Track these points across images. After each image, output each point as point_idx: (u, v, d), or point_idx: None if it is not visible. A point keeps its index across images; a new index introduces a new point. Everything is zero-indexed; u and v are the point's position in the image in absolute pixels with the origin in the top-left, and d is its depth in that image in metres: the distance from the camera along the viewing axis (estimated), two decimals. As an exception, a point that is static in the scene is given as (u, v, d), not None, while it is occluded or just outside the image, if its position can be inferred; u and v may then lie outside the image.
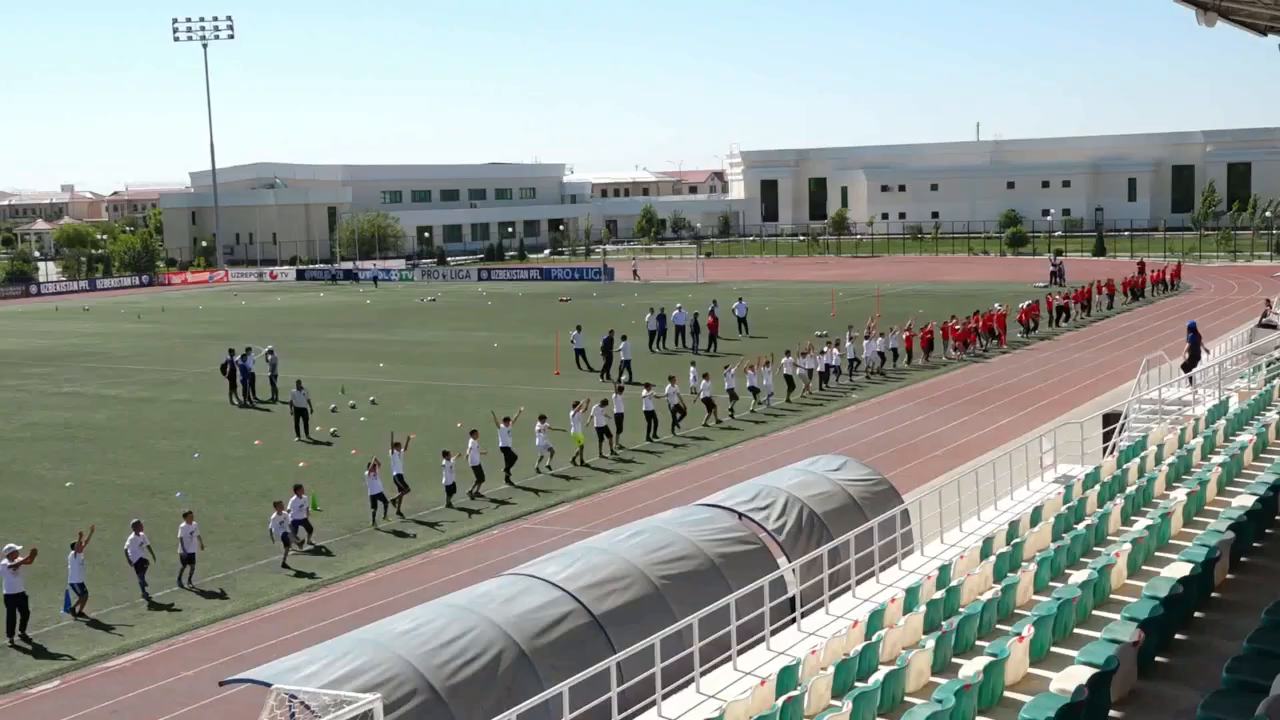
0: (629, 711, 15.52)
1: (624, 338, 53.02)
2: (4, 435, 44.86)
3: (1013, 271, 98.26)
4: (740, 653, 17.39)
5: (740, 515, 21.70)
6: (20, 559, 24.44)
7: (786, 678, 15.18)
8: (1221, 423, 27.26)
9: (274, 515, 28.73)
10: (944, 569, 19.08)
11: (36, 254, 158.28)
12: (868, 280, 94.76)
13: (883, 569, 21.02)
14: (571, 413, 37.51)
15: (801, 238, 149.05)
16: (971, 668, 14.22)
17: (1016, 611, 16.88)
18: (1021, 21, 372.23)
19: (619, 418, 39.27)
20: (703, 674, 16.60)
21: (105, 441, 43.17)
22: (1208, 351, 38.63)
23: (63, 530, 28.81)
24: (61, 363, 64.47)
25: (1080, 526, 20.10)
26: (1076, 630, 15.66)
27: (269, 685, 14.44)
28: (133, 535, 26.59)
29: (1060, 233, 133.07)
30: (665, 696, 15.96)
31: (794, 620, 19.01)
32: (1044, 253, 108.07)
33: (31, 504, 34.43)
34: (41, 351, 69.52)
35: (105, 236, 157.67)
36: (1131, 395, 33.05)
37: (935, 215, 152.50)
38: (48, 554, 26.24)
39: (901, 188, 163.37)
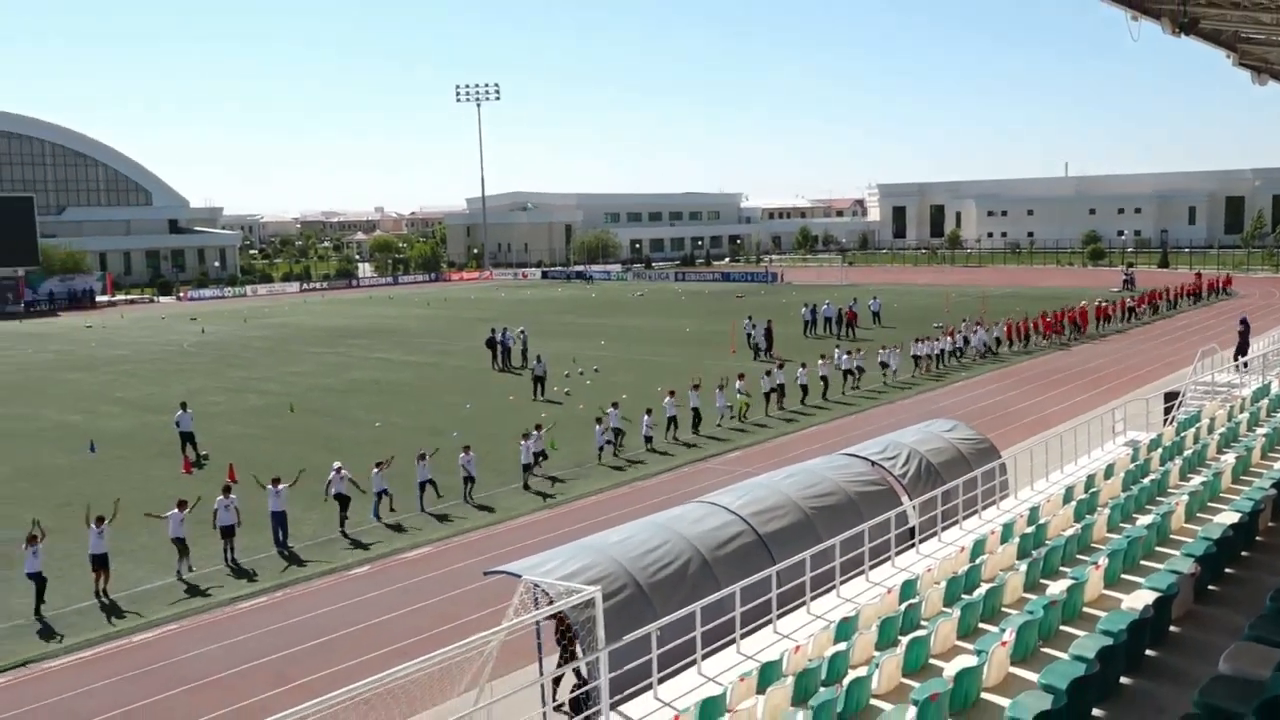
0: (784, 609, 15.40)
1: (750, 319, 53.30)
2: (333, 388, 46.65)
3: (1092, 279, 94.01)
4: (871, 568, 17.10)
5: (873, 463, 21.29)
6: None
7: (907, 589, 14.87)
8: (1265, 401, 25.71)
9: (522, 443, 29.33)
10: (1033, 510, 18.41)
11: (356, 257, 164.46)
12: (975, 284, 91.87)
13: (984, 508, 20.43)
14: (738, 383, 37.54)
15: (923, 251, 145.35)
16: (1056, 587, 13.70)
17: (1093, 545, 16.19)
18: (1105, 80, 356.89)
19: (780, 386, 39.01)
20: (842, 583, 16.37)
21: (403, 394, 44.55)
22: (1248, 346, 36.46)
23: (374, 456, 29.83)
24: (373, 337, 66.71)
25: (1145, 480, 19.16)
26: (1142, 562, 14.93)
27: (520, 576, 14.71)
28: (419, 463, 27.40)
29: (1131, 249, 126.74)
30: (813, 598, 15.80)
31: (913, 545, 18.61)
32: (1118, 265, 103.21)
33: (351, 437, 35.75)
34: (359, 328, 72.11)
35: (405, 245, 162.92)
36: (1189, 378, 31.37)
37: (1030, 235, 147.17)
38: (361, 474, 27.18)
39: (1004, 212, 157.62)
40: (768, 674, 12.40)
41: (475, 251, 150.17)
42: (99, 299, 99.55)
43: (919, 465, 21.30)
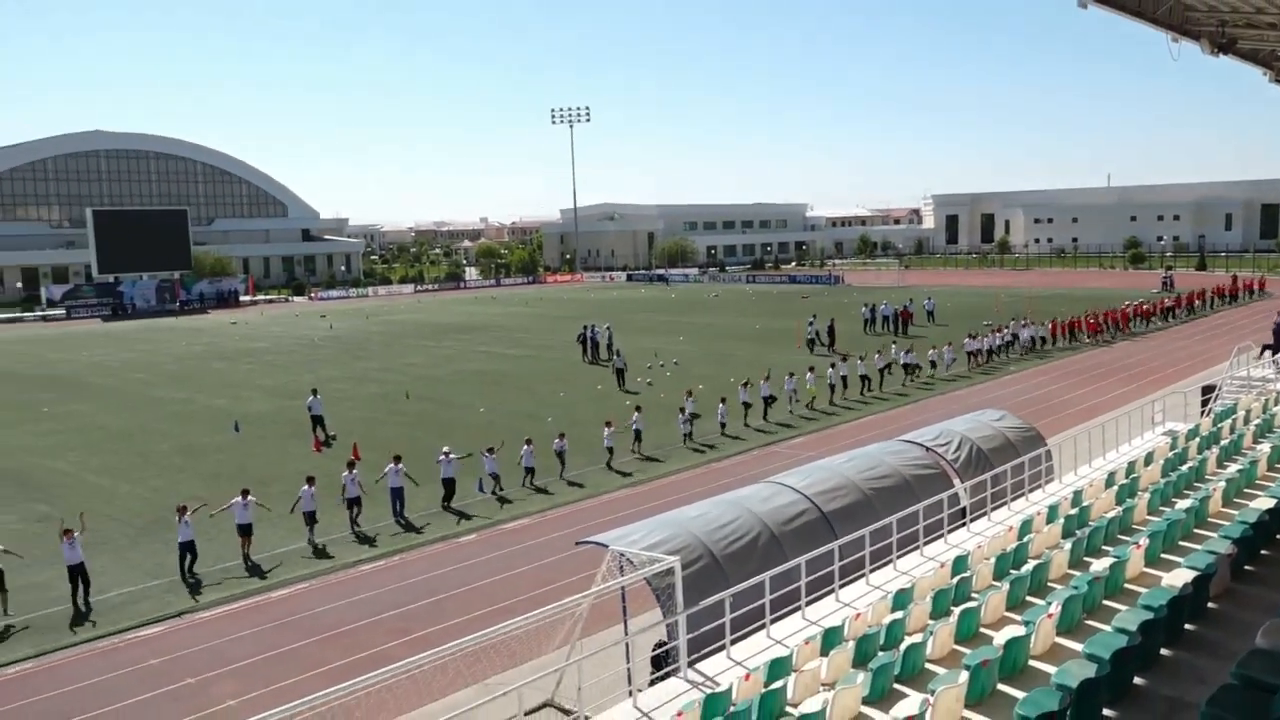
0: (845, 580, 15.20)
1: (814, 317, 53.18)
2: (442, 377, 47.33)
3: (1132, 281, 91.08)
4: (925, 544, 16.79)
5: (927, 448, 20.90)
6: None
7: (959, 563, 14.56)
8: (1299, 395, 24.63)
9: (605, 430, 29.44)
10: (1077, 493, 17.89)
11: (463, 262, 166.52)
12: (1022, 286, 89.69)
13: (1030, 491, 19.91)
14: (809, 375, 37.22)
15: (974, 255, 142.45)
16: (1100, 565, 13.28)
17: (1133, 527, 15.66)
18: (1146, 94, 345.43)
19: (843, 378, 38.59)
20: (898, 557, 16.10)
21: (504, 383, 45.01)
22: None
23: (479, 439, 30.17)
24: (477, 332, 67.52)
25: (1184, 468, 18.48)
26: (1181, 543, 14.41)
27: (607, 546, 14.75)
28: (526, 447, 27.61)
29: (1170, 253, 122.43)
30: (872, 571, 15.57)
31: (964, 524, 18.22)
32: (1158, 268, 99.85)
33: (459, 421, 36.22)
34: (466, 325, 73.06)
35: (506, 251, 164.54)
36: (1226, 373, 30.20)
37: (1074, 240, 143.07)
38: (476, 456, 27.52)
39: (1050, 220, 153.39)
40: (830, 638, 12.27)
41: (568, 257, 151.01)
42: (242, 299, 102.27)
43: (970, 451, 20.86)
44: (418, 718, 13.33)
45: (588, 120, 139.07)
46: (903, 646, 11.22)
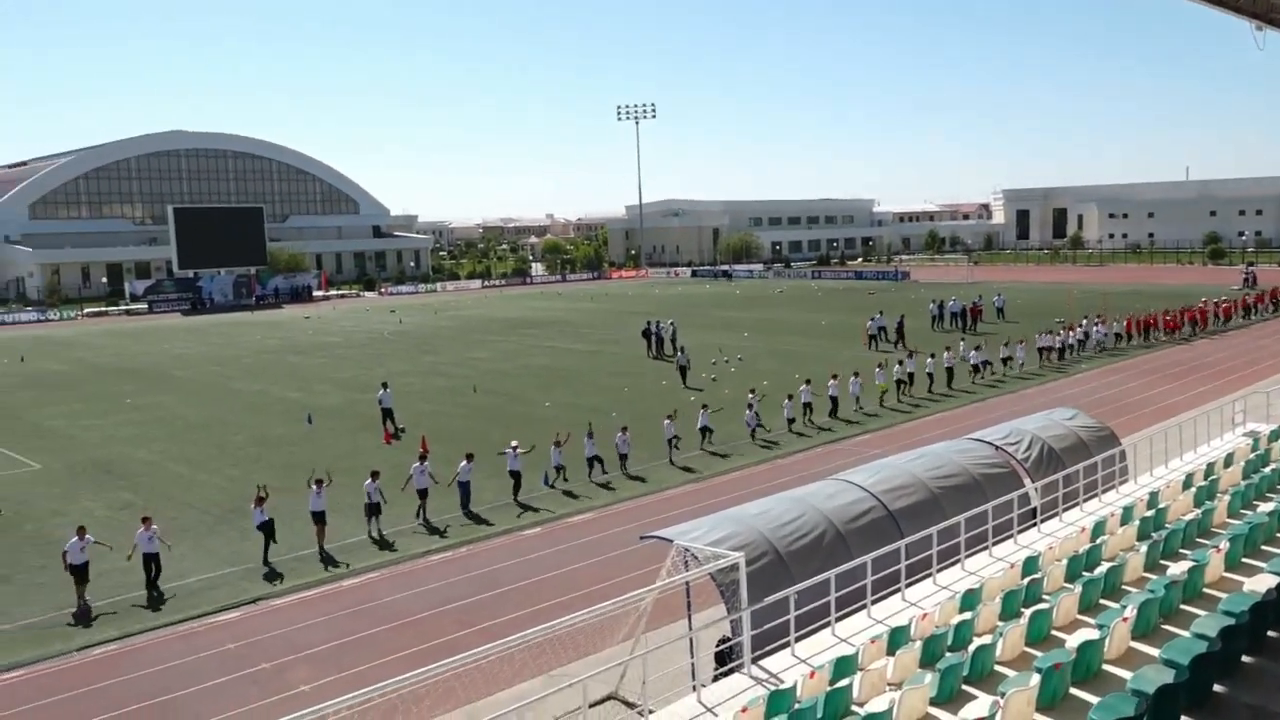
0: (911, 579, 14.99)
1: (880, 314, 52.88)
2: (509, 372, 47.75)
3: (1212, 278, 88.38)
4: (994, 544, 16.47)
5: (996, 447, 20.48)
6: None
7: (1029, 564, 14.27)
8: (1389, 396, 23.64)
9: (666, 424, 29.46)
10: (1153, 495, 17.39)
11: (530, 258, 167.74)
12: (1096, 282, 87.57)
13: (1104, 492, 19.38)
14: (878, 371, 36.83)
15: (1046, 251, 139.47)
16: (1177, 568, 12.92)
17: (1213, 530, 15.19)
18: (1229, 85, 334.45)
19: (910, 375, 38.08)
20: (966, 557, 15.82)
21: (570, 378, 45.26)
22: None
23: (545, 432, 30.34)
24: (543, 327, 67.99)
25: (1266, 470, 17.88)
26: (1264, 547, 13.94)
27: (671, 541, 14.74)
28: (588, 440, 27.77)
29: (1252, 249, 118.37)
30: (939, 570, 15.32)
31: (1035, 525, 17.83)
32: (1238, 264, 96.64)
33: (525, 415, 36.51)
34: (532, 320, 73.64)
35: (572, 247, 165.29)
36: (1312, 372, 29.11)
37: (1151, 235, 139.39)
38: (541, 450, 27.71)
39: (1125, 215, 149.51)
40: (897, 638, 12.12)
41: (633, 252, 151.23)
42: (315, 294, 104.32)
43: (1041, 450, 20.39)
44: (484, 707, 13.47)
45: (653, 116, 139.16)
46: (971, 648, 11.04)
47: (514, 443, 26.56)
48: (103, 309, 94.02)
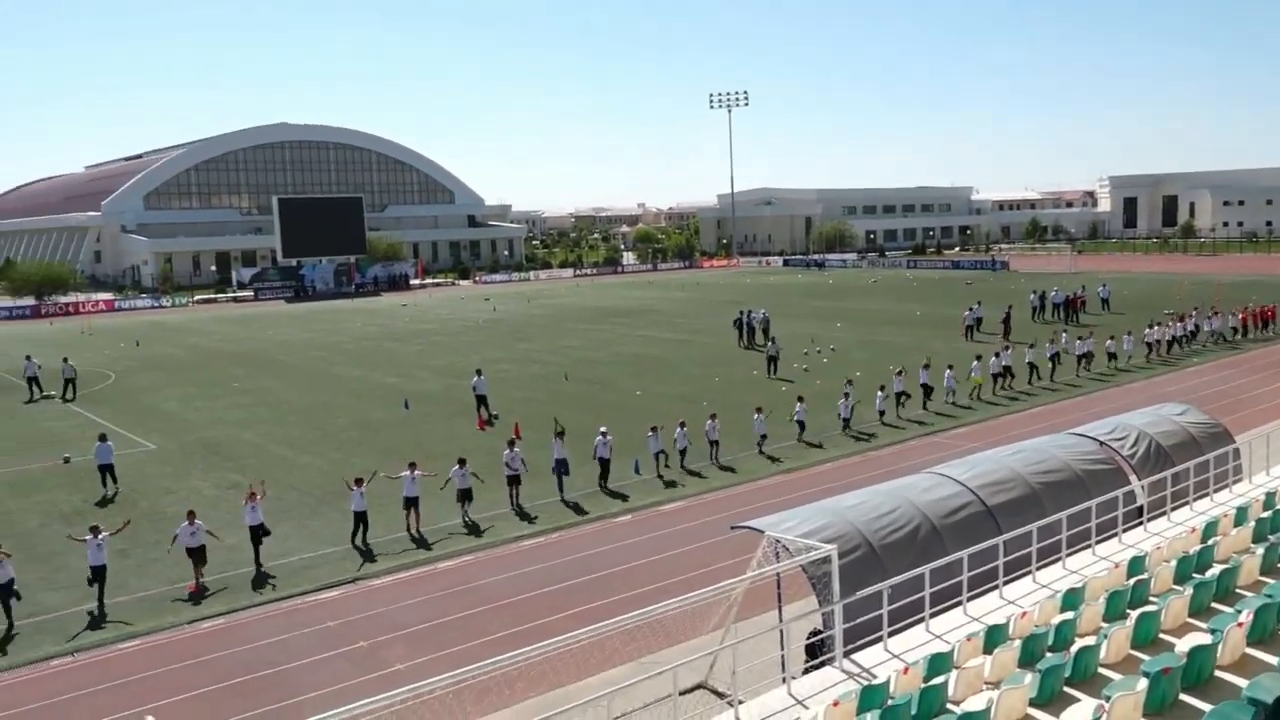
0: (1009, 577, 14.60)
1: (978, 304, 51.53)
2: (599, 360, 48.05)
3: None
4: (1098, 543, 15.93)
5: (1101, 442, 19.77)
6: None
7: (1135, 565, 13.76)
8: None
9: (756, 415, 29.24)
10: (1270, 495, 16.59)
11: (621, 247, 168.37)
12: (1209, 273, 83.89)
13: (1215, 491, 18.57)
14: (974, 363, 35.97)
15: (1154, 239, 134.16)
16: (1297, 572, 12.30)
17: (1337, 533, 14.43)
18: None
19: (1007, 368, 37.06)
20: (1068, 555, 15.34)
21: (660, 367, 45.32)
22: None
23: (636, 420, 30.41)
24: (634, 316, 68.19)
25: (1397, 471, 16.89)
26: (1393, 553, 13.18)
27: (762, 531, 14.64)
28: (679, 429, 27.75)
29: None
30: (1039, 568, 14.88)
31: (1141, 524, 17.18)
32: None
33: (615, 404, 36.71)
34: (623, 309, 73.89)
35: (664, 236, 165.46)
36: None
37: (1269, 224, 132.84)
38: (631, 437, 27.86)
39: (1240, 202, 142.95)
40: (994, 636, 11.82)
41: (724, 241, 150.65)
42: (412, 282, 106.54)
43: (1148, 447, 19.62)
44: (576, 691, 13.60)
45: (746, 104, 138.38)
46: (1074, 649, 10.70)
47: (603, 429, 26.70)
48: (212, 296, 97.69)
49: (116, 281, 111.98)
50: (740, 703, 11.41)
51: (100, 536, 19.14)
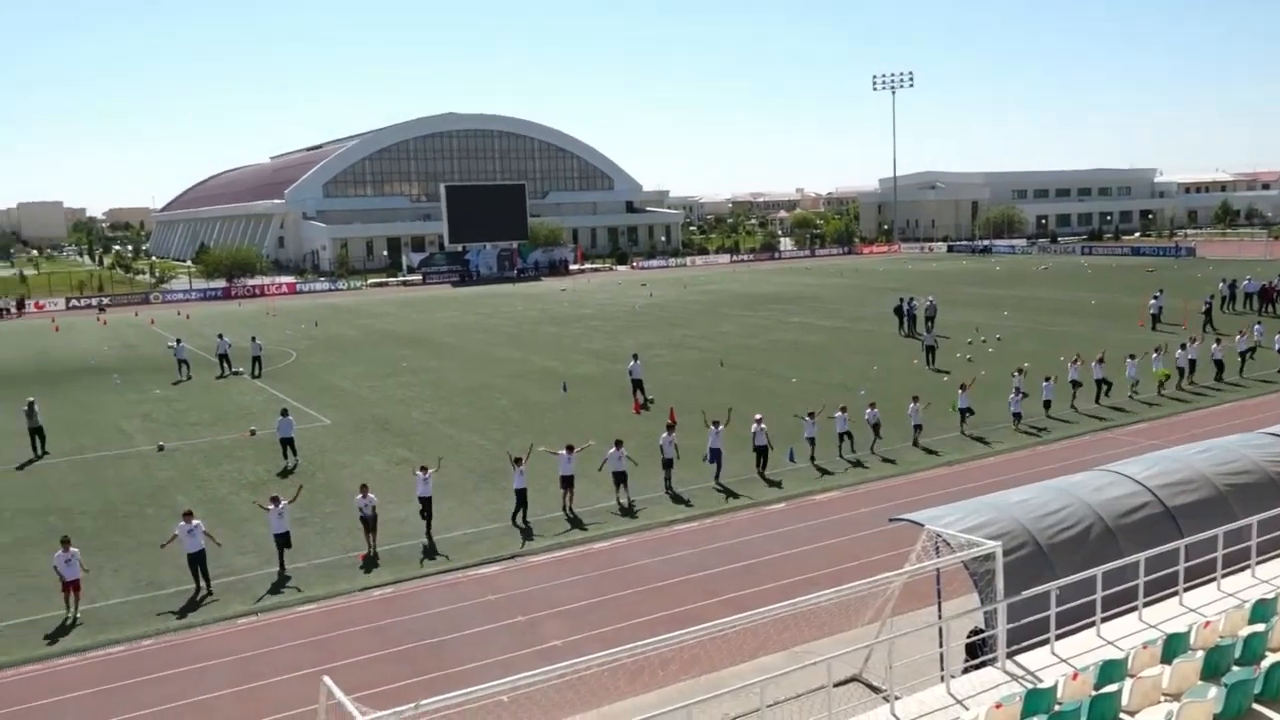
0: (1191, 583, 13.73)
1: (1160, 292, 48.80)
2: (755, 347, 47.79)
3: None
4: (1294, 551, 14.79)
5: (1300, 443, 18.31)
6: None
7: (1338, 577, 12.71)
8: None
9: (912, 405, 28.48)
10: None
11: (778, 232, 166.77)
12: None
13: None
14: (1155, 356, 33.94)
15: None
16: None
17: None
18: None
19: (1192, 362, 34.81)
20: (1259, 563, 14.30)
21: (817, 355, 44.72)
22: None
23: (791, 408, 30.08)
24: (791, 303, 67.48)
25: None
26: None
27: (922, 525, 14.27)
28: (840, 413, 27.34)
29: None
30: (1224, 575, 13.95)
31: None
32: None
33: (771, 390, 36.46)
34: (779, 295, 73.23)
35: (822, 221, 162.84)
36: None
37: None
38: (787, 425, 27.57)
39: None
40: (1173, 645, 11.16)
41: (885, 227, 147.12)
42: (571, 267, 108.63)
43: (1355, 449, 18.04)
44: (728, 677, 13.65)
45: (911, 85, 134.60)
46: (1265, 663, 9.99)
47: (758, 415, 26.56)
48: (383, 279, 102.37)
49: (297, 265, 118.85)
50: (896, 698, 11.20)
51: (280, 505, 20.42)
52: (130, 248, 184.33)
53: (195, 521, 19.59)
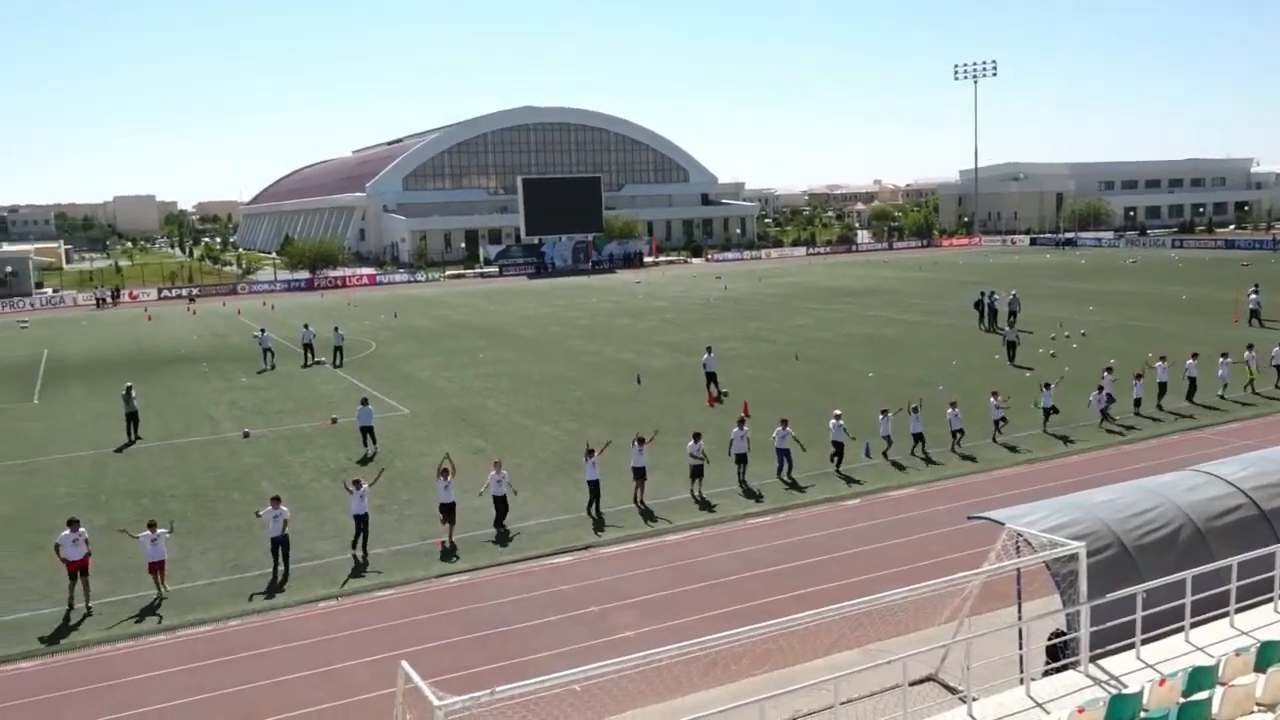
0: (1287, 590, 13.19)
1: (1255, 287, 46.79)
2: (830, 340, 47.30)
3: None
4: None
5: None
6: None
7: None
8: None
9: (992, 400, 27.90)
10: None
11: (855, 225, 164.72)
12: None
13: None
14: (1247, 353, 32.65)
15: None
16: None
17: None
18: None
19: (1290, 358, 33.44)
20: (1363, 571, 13.65)
21: (894, 348, 44.07)
22: None
23: (867, 403, 29.70)
24: (867, 296, 66.63)
25: None
26: None
27: (1003, 524, 13.96)
28: (912, 414, 26.93)
29: None
30: (1325, 583, 13.36)
31: None
32: None
33: (846, 385, 36.05)
34: (856, 288, 72.34)
35: (900, 213, 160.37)
36: None
37: None
38: (863, 420, 27.23)
39: None
40: (1268, 653, 10.76)
41: (966, 219, 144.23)
42: (646, 260, 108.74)
43: None
44: (800, 673, 13.53)
45: (994, 74, 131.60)
46: (1366, 675, 9.56)
47: (837, 411, 26.27)
48: (461, 271, 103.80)
49: (378, 257, 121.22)
50: (974, 700, 10.99)
51: (362, 489, 20.89)
52: (218, 240, 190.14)
53: (282, 508, 20.12)
